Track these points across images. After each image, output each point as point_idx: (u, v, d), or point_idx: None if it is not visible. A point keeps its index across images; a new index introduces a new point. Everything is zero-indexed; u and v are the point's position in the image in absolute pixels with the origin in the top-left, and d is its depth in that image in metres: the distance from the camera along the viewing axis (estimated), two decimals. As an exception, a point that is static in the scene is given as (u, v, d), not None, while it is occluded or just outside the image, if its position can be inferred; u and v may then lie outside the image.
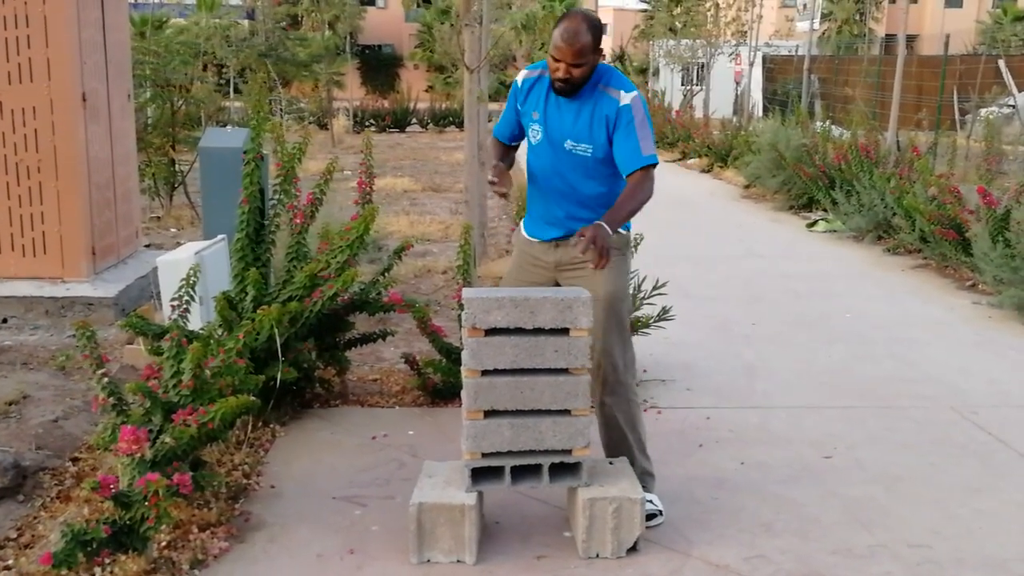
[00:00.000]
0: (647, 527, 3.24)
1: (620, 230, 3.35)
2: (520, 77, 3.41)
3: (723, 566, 3.08)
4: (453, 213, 10.23)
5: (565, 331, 3.05)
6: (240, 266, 4.18)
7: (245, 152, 4.31)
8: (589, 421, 3.10)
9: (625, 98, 3.21)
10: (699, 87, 24.40)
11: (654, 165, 3.23)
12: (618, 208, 3.17)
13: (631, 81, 3.32)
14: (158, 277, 4.79)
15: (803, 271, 7.82)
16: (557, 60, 3.17)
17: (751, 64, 20.62)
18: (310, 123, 18.54)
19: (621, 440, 3.39)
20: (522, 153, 3.58)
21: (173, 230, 8.84)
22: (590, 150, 3.26)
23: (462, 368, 3.09)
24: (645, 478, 3.41)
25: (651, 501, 3.34)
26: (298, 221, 4.39)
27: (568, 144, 3.28)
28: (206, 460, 3.44)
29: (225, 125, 10.79)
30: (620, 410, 3.36)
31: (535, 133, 3.36)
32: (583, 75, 3.19)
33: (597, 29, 3.18)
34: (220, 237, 5.00)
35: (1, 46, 5.49)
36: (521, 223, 3.60)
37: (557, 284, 3.42)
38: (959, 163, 10.45)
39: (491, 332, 3.03)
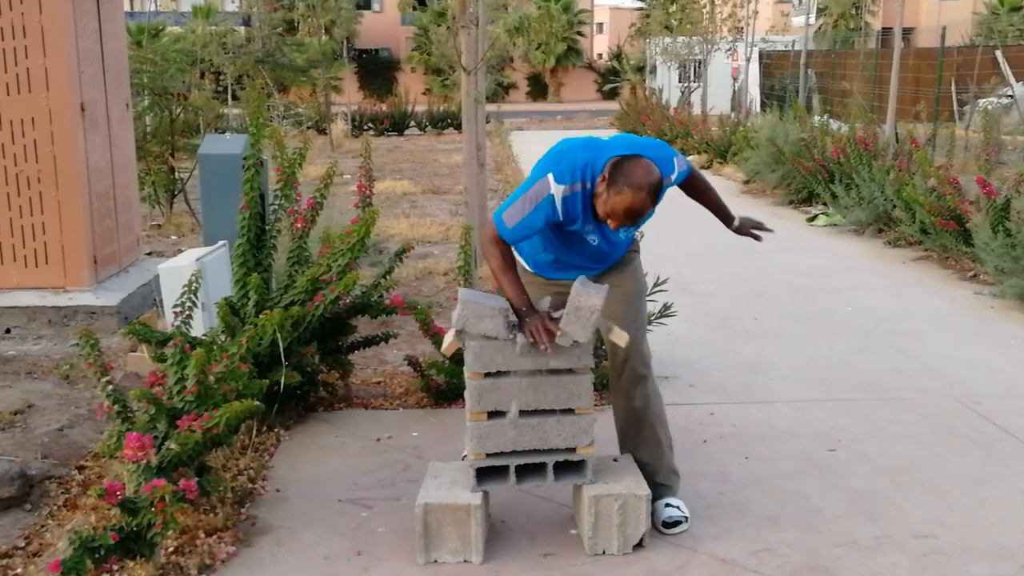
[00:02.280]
0: (671, 534, 3.23)
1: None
2: (558, 194, 2.98)
3: (729, 560, 3.09)
4: (453, 215, 10.24)
5: (567, 329, 3.05)
6: (242, 271, 4.19)
7: (245, 158, 4.32)
8: (593, 419, 3.11)
9: (672, 179, 3.17)
10: (696, 84, 24.42)
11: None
12: (723, 203, 3.53)
13: (662, 150, 3.15)
14: (160, 284, 4.80)
15: (804, 265, 7.82)
16: (612, 220, 2.97)
17: (748, 60, 20.65)
18: (308, 128, 18.56)
19: (652, 437, 3.36)
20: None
21: (174, 237, 8.85)
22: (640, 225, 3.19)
23: (465, 370, 3.10)
24: (672, 477, 3.39)
25: (677, 507, 3.29)
26: (299, 226, 4.39)
27: (624, 234, 3.21)
28: (211, 465, 3.45)
29: (224, 132, 10.81)
30: (651, 404, 3.35)
31: (592, 239, 3.18)
32: None
33: (658, 192, 2.96)
34: (221, 243, 5.02)
35: (-1, 57, 5.51)
36: (522, 261, 3.38)
37: None
38: (958, 154, 10.46)
39: (493, 332, 3.03)
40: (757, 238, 3.57)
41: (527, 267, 3.38)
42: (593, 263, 3.30)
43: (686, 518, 3.28)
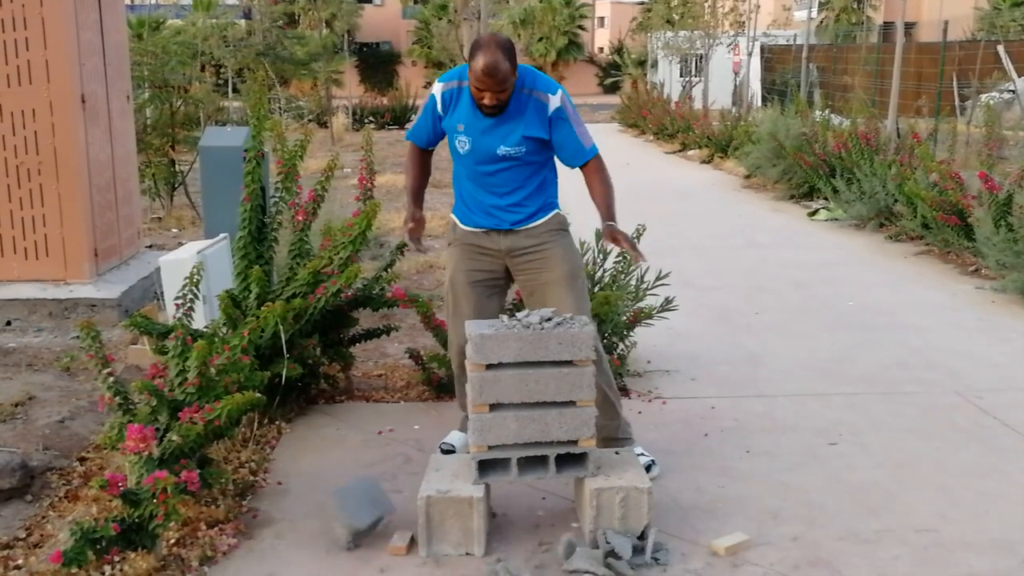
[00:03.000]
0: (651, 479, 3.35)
1: (558, 210, 3.57)
2: (438, 90, 3.44)
3: (731, 554, 3.09)
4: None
5: (569, 322, 3.05)
6: (243, 264, 4.18)
7: (246, 151, 4.31)
8: (594, 412, 3.11)
9: (554, 100, 3.33)
10: (698, 78, 24.38)
11: (598, 155, 3.47)
12: (608, 205, 3.42)
13: (550, 77, 3.45)
14: (161, 277, 4.79)
15: (805, 260, 7.82)
16: (481, 90, 3.22)
17: (749, 54, 20.62)
18: (309, 121, 18.55)
19: (606, 403, 3.50)
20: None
21: (174, 230, 8.85)
22: (523, 151, 3.38)
23: (467, 362, 3.09)
24: (629, 430, 3.65)
25: (642, 452, 3.59)
26: (300, 218, 4.39)
27: (502, 150, 3.37)
28: (213, 458, 3.45)
29: (224, 125, 10.80)
30: (603, 372, 3.50)
31: (462, 144, 3.42)
32: (509, 95, 3.28)
33: (511, 51, 3.23)
34: (222, 236, 5.01)
35: (0, 49, 5.49)
36: (453, 216, 3.65)
37: (507, 270, 3.56)
38: (960, 149, 10.43)
39: (495, 324, 3.04)
40: (617, 243, 3.33)
41: (458, 222, 3.61)
42: (485, 195, 3.46)
43: (654, 461, 3.59)
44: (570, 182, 3.92)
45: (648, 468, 3.48)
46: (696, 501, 3.39)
